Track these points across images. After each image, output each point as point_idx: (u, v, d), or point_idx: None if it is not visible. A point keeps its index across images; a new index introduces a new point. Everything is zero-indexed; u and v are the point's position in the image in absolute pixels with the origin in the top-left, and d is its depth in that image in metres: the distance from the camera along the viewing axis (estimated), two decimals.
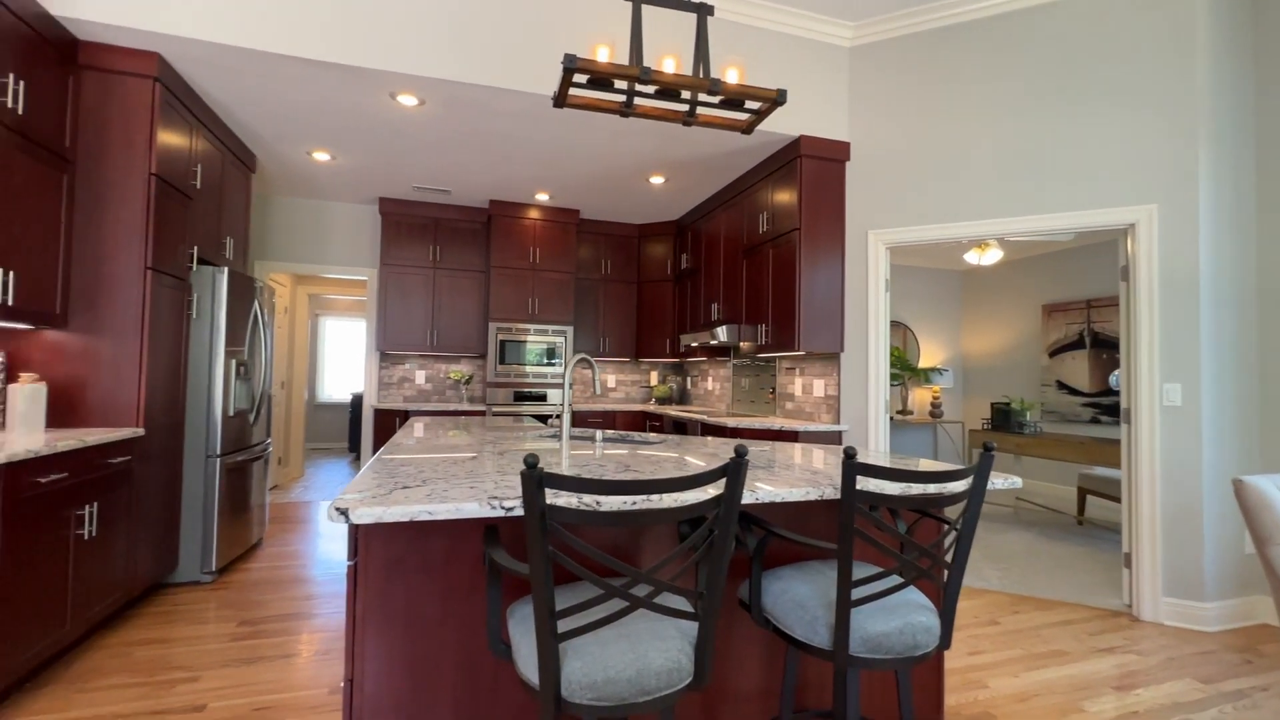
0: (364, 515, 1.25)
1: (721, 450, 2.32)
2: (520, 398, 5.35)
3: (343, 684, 2.03)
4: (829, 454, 2.33)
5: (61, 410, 2.82)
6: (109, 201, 2.90)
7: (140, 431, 2.85)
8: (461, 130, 3.86)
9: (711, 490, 1.51)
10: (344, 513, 1.25)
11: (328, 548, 4.10)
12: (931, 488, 1.68)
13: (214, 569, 3.39)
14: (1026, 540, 4.51)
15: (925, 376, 6.85)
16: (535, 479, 1.09)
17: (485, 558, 1.40)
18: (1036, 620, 3.07)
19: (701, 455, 2.17)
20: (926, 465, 2.07)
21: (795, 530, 1.88)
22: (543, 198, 5.25)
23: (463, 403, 5.61)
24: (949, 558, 1.47)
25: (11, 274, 2.44)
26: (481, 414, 5.25)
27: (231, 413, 3.52)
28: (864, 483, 1.65)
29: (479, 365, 5.91)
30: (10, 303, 2.43)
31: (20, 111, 2.47)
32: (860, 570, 1.54)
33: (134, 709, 2.12)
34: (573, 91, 3.26)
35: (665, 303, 5.90)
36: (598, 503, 1.38)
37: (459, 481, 1.56)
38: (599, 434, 2.64)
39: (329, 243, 5.55)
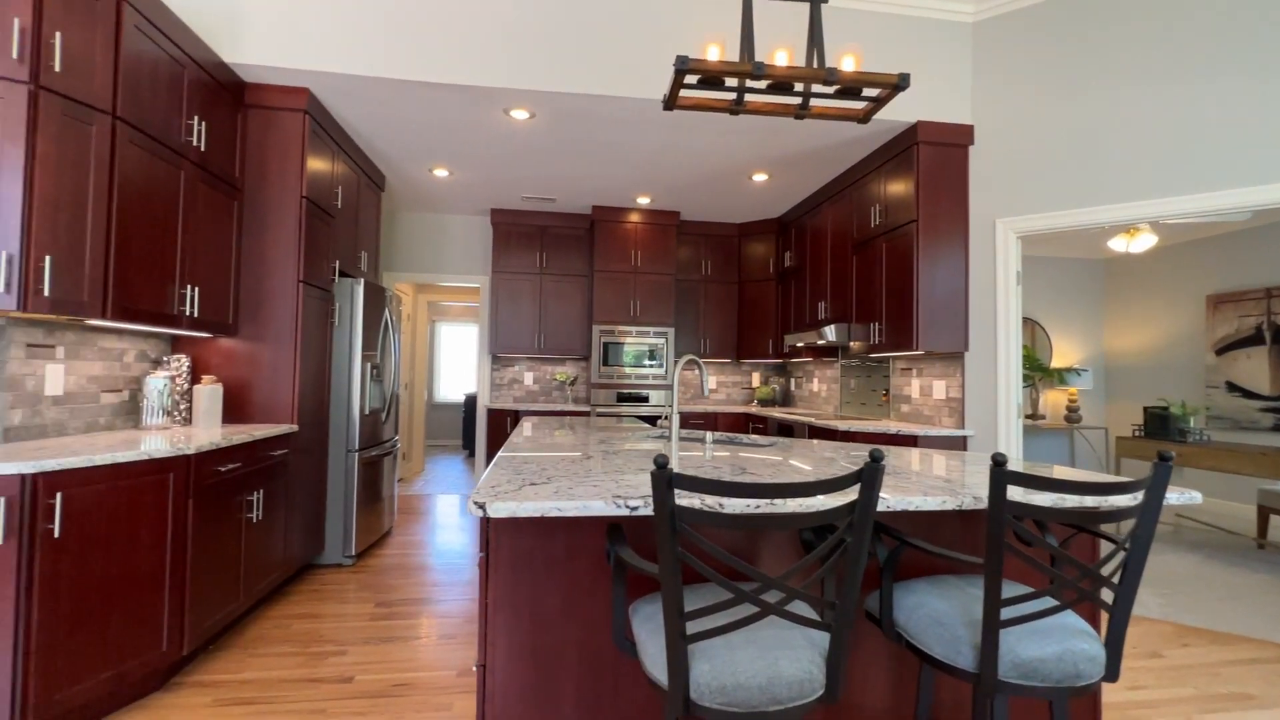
0: (499, 510, 1.32)
1: (837, 455, 2.23)
2: (622, 399, 5.44)
3: (475, 668, 2.15)
4: (953, 460, 2.17)
5: (231, 408, 3.21)
6: (268, 223, 3.27)
7: (295, 428, 3.19)
8: (567, 140, 3.99)
9: (840, 497, 1.45)
10: (482, 506, 1.32)
11: (448, 539, 4.37)
12: (1090, 500, 1.52)
13: (353, 553, 3.72)
14: (1192, 563, 3.96)
15: (1059, 377, 6.22)
16: (665, 479, 1.09)
17: (609, 555, 1.43)
18: (1211, 656, 2.68)
19: (815, 459, 2.09)
20: (1079, 475, 1.87)
21: (922, 541, 1.76)
22: (643, 201, 5.32)
23: (568, 403, 5.80)
24: (1116, 580, 1.31)
25: (196, 290, 2.81)
26: (586, 414, 5.39)
27: (367, 411, 3.86)
28: (1012, 493, 1.52)
29: (583, 367, 6.08)
30: (196, 315, 2.80)
31: (202, 148, 2.84)
32: (1008, 589, 1.41)
33: (294, 675, 2.37)
34: (683, 93, 3.27)
35: (768, 302, 5.77)
36: (720, 505, 1.36)
37: (580, 480, 1.60)
38: (708, 435, 2.62)
39: (446, 253, 5.94)
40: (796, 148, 4.06)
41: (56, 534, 1.85)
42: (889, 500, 1.46)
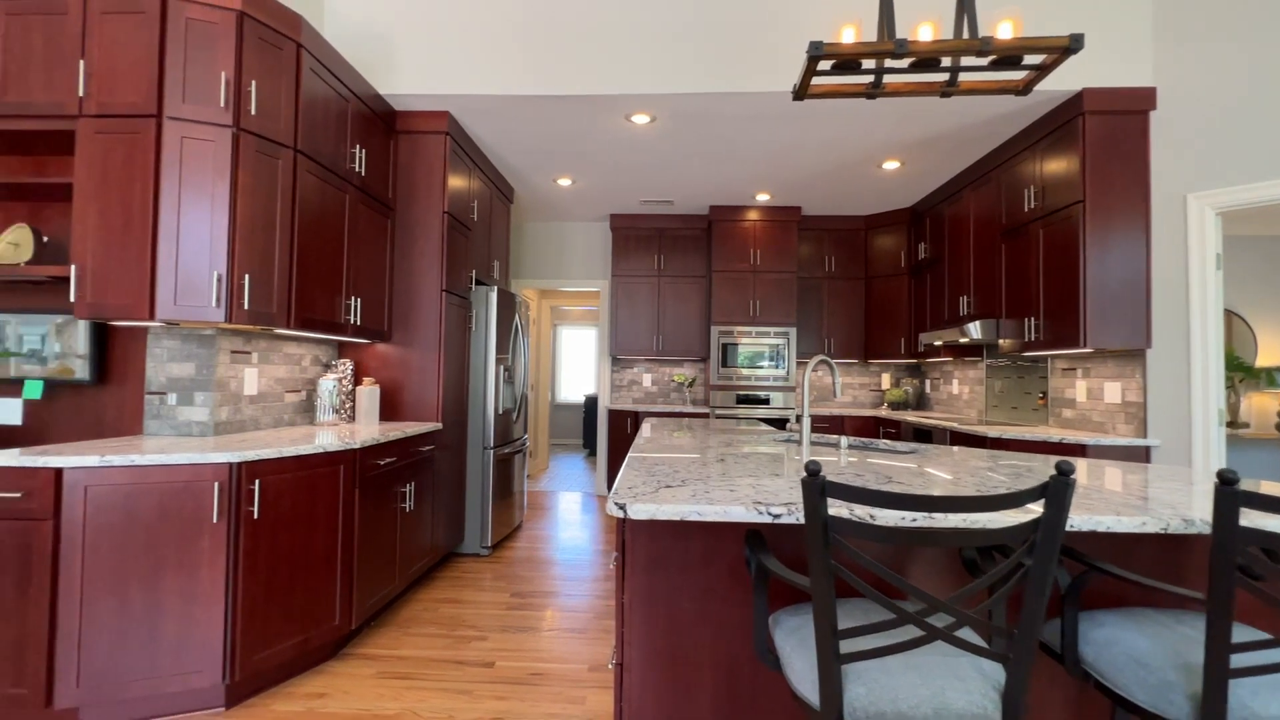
0: (639, 511, 1.32)
1: (991, 465, 2.01)
2: (742, 400, 5.34)
3: (611, 665, 2.19)
4: (1134, 474, 1.87)
5: (385, 407, 3.54)
6: (415, 238, 3.57)
7: (439, 426, 3.45)
8: (687, 141, 3.98)
9: (1016, 514, 1.29)
10: (622, 508, 1.33)
11: (572, 535, 4.52)
12: None
13: (489, 545, 3.96)
14: None
15: (1268, 378, 5.23)
16: (818, 487, 1.03)
17: (749, 562, 1.38)
18: None
19: (964, 469, 1.90)
20: None
21: (1117, 567, 1.53)
22: (763, 198, 5.19)
23: (686, 405, 5.80)
24: None
25: (359, 300, 3.13)
26: (705, 416, 5.36)
27: (500, 411, 4.09)
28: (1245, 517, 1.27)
29: (701, 368, 6.05)
30: (359, 323, 3.12)
31: (363, 173, 3.16)
32: (1240, 633, 1.19)
33: (443, 656, 2.55)
34: (814, 80, 3.14)
35: (898, 298, 5.40)
36: (871, 516, 1.27)
37: (716, 484, 1.57)
38: (843, 440, 2.48)
39: (567, 259, 6.17)
40: (934, 130, 3.76)
41: (255, 515, 2.13)
42: (1074, 520, 1.28)
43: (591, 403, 8.83)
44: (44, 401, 2.60)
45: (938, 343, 4.52)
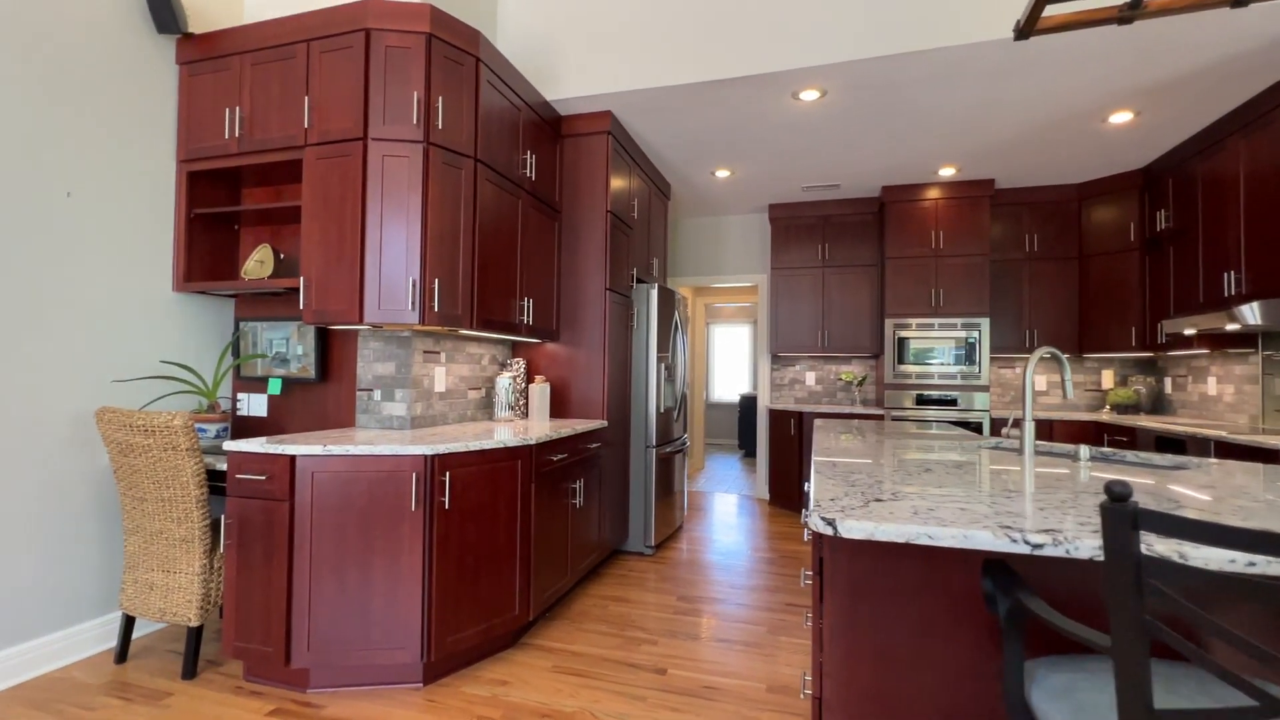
0: (853, 529, 1.12)
1: None
2: (923, 401, 4.78)
3: (806, 695, 1.99)
4: None
5: (553, 404, 3.65)
6: (580, 238, 3.64)
7: (604, 423, 3.48)
8: (860, 116, 3.62)
9: None
10: (831, 524, 1.14)
11: (732, 539, 4.35)
12: None
13: (653, 544, 3.92)
14: None
15: None
16: (1127, 516, 0.77)
17: (990, 599, 1.12)
18: None
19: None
20: None
21: None
22: (947, 173, 4.60)
23: (855, 405, 5.34)
24: None
25: (531, 301, 3.25)
26: (878, 418, 4.88)
27: (661, 409, 4.05)
28: None
29: (871, 366, 5.55)
30: (530, 323, 3.24)
31: (533, 178, 3.27)
32: None
33: (615, 656, 2.52)
34: (1046, 10, 2.66)
35: (1126, 279, 4.48)
36: (1180, 555, 0.95)
37: (935, 499, 1.31)
38: (1083, 450, 2.03)
39: (723, 254, 6.01)
40: (1186, 66, 3.02)
41: (446, 506, 2.25)
42: None
43: (747, 402, 8.57)
44: (281, 397, 3.01)
45: (1189, 331, 3.65)
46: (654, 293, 3.99)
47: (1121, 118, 3.60)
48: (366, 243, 2.50)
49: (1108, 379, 4.88)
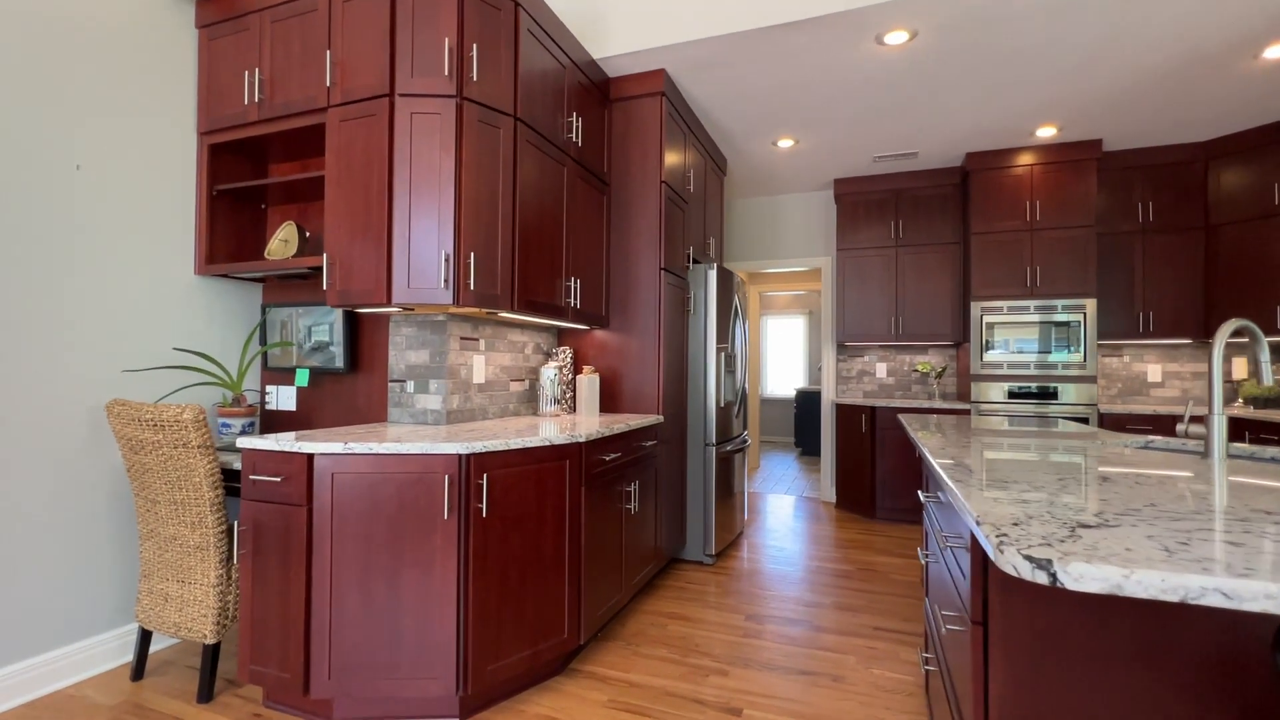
0: (1090, 579, 0.72)
1: None
2: (1016, 395, 4.23)
3: None
4: None
5: (603, 398, 3.31)
6: (632, 213, 3.28)
7: (660, 419, 3.12)
8: (951, 63, 3.14)
9: None
10: (1047, 568, 0.74)
11: (796, 547, 3.92)
12: None
13: (713, 553, 3.54)
14: None
15: None
16: None
17: None
18: None
19: None
20: None
21: None
22: (1046, 133, 4.03)
23: (933, 399, 4.82)
24: None
25: (578, 282, 2.91)
26: (963, 413, 4.36)
27: (721, 404, 3.66)
28: None
29: (950, 356, 5.00)
30: (578, 306, 2.90)
31: (579, 144, 2.93)
32: None
33: (679, 689, 2.16)
34: None
35: (1269, 250, 3.82)
36: None
37: (1171, 527, 0.89)
38: None
39: (782, 236, 5.55)
40: None
41: (484, 512, 1.94)
42: None
43: (804, 397, 8.07)
44: (311, 389, 2.77)
45: None
46: (712, 274, 3.60)
47: (1276, 51, 2.99)
48: (394, 213, 2.21)
49: (1239, 368, 4.21)
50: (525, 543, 2.08)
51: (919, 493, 2.40)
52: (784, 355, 9.70)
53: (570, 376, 3.24)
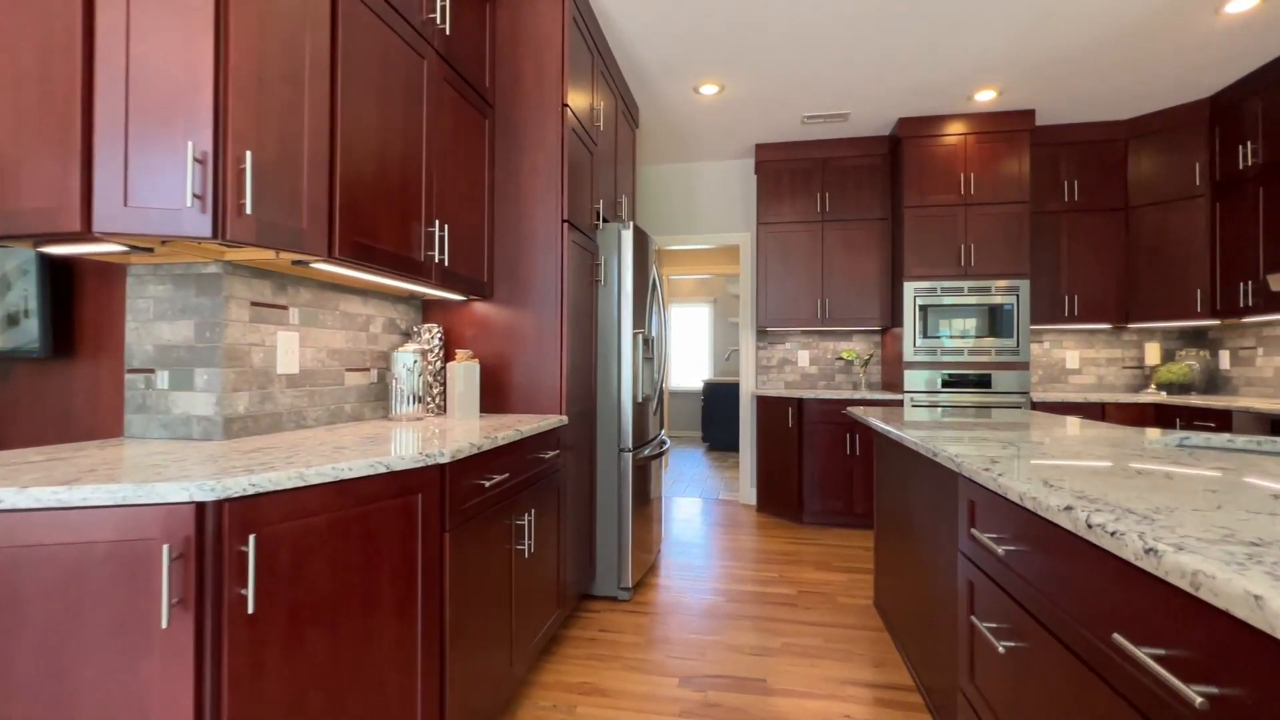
0: None
1: None
2: (950, 383, 3.90)
3: None
4: None
5: (487, 393, 2.48)
6: (524, 146, 2.46)
7: (564, 420, 2.34)
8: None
9: None
10: None
11: (730, 566, 3.31)
12: None
13: (629, 585, 2.83)
14: None
15: None
16: None
17: None
18: None
19: None
20: None
21: None
22: (985, 97, 3.69)
23: (859, 389, 4.42)
24: None
25: (447, 229, 2.05)
26: (896, 404, 3.97)
27: (639, 399, 2.94)
28: None
29: (874, 342, 4.64)
30: (446, 263, 2.04)
31: (447, 32, 2.06)
32: None
33: None
34: None
35: (1189, 233, 3.73)
36: None
37: None
38: None
39: (696, 210, 4.93)
40: None
41: (251, 606, 1.07)
42: None
43: (712, 389, 7.60)
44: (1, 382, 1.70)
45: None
46: (628, 235, 2.87)
47: (1239, 6, 2.76)
48: (96, 73, 1.25)
49: (1152, 354, 4.16)
50: (340, 643, 1.23)
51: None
52: (690, 345, 9.22)
53: (439, 365, 2.37)
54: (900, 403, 3.97)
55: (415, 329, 2.36)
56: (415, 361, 2.13)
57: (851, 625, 2.57)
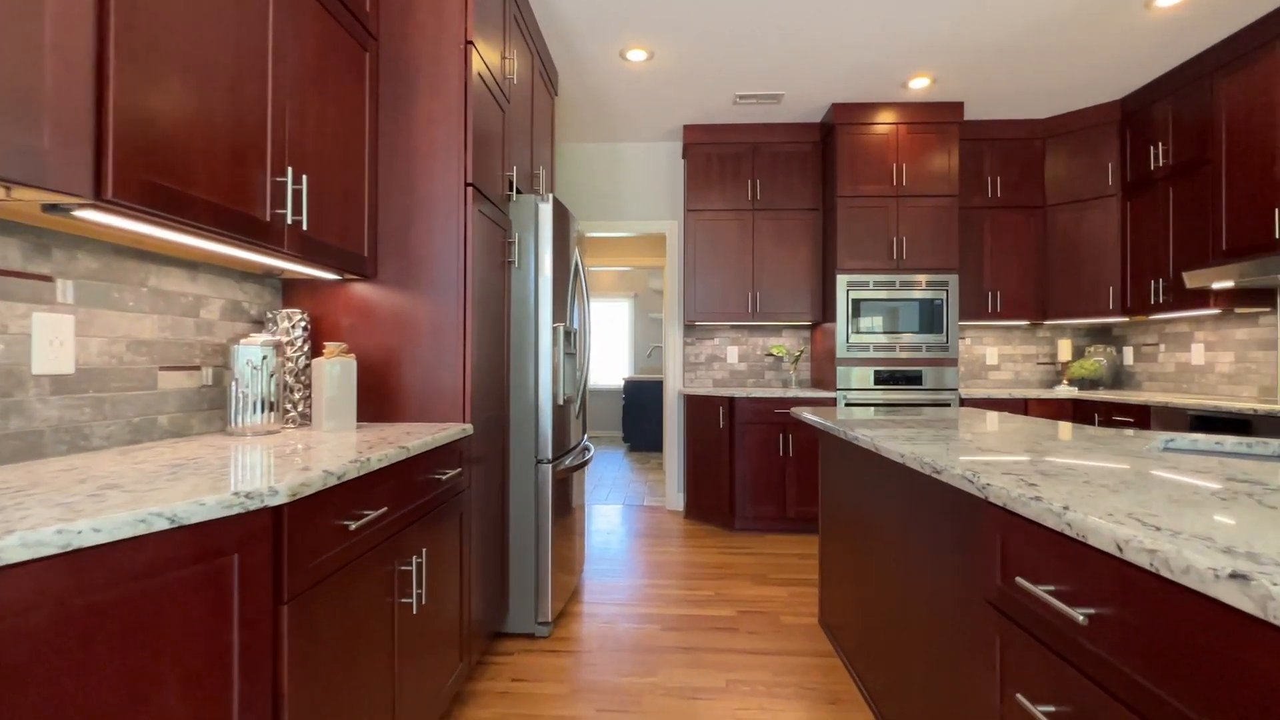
0: None
1: None
2: (884, 380, 3.78)
3: None
4: None
5: (369, 397, 1.99)
6: (418, 89, 1.99)
7: (468, 429, 1.90)
8: None
9: None
10: None
11: (663, 586, 2.99)
12: None
13: (549, 619, 2.42)
14: None
15: None
16: None
17: None
18: None
19: None
20: None
21: None
22: (919, 84, 3.58)
23: (790, 387, 4.24)
24: None
25: (305, 180, 1.55)
26: (829, 404, 3.80)
27: (560, 401, 2.54)
28: None
29: (803, 338, 4.48)
30: (304, 226, 1.54)
31: None
32: None
33: None
34: None
35: (1102, 232, 3.81)
36: None
37: None
38: None
39: (619, 195, 4.57)
40: None
41: None
42: None
43: (633, 388, 7.29)
44: None
45: (1218, 285, 2.95)
46: (546, 209, 2.45)
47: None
48: None
49: (1065, 350, 4.25)
50: None
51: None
52: (610, 342, 8.86)
53: (304, 362, 1.86)
54: (833, 401, 3.81)
55: (270, 314, 1.83)
56: (266, 357, 1.62)
57: (799, 651, 2.30)
